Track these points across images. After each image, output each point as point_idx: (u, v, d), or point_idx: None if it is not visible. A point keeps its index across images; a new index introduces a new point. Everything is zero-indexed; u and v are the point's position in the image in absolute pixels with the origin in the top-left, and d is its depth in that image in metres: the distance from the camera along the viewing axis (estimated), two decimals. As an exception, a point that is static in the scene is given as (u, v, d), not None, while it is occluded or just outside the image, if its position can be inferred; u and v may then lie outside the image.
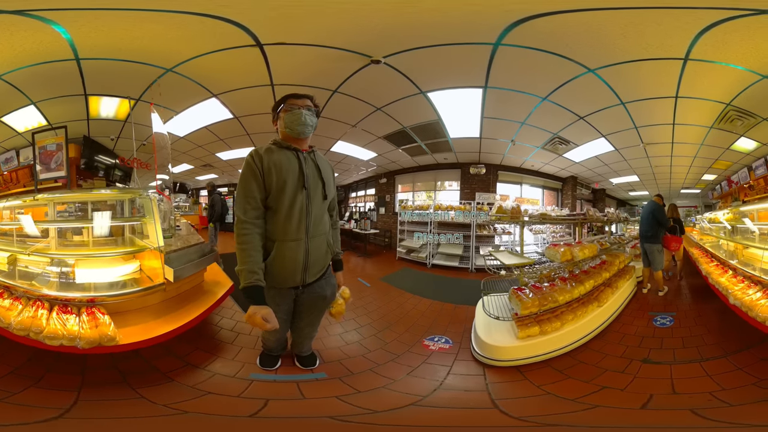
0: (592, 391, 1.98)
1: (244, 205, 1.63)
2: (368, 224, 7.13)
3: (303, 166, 1.71)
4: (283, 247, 1.66)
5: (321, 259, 1.81)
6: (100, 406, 1.71)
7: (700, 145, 4.45)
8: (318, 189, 1.75)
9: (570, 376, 2.16)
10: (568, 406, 1.85)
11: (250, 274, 1.55)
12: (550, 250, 2.91)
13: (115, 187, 3.92)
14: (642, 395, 1.90)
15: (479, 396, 1.98)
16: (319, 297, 1.87)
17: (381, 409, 1.79)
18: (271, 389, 1.94)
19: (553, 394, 1.96)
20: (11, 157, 3.58)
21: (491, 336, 2.41)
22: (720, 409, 1.73)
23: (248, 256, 1.58)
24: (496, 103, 3.64)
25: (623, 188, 7.04)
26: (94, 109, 3.47)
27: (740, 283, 2.80)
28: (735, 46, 2.36)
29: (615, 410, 1.80)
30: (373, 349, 2.56)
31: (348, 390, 1.97)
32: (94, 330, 1.96)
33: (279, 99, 1.83)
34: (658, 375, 2.13)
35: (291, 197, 1.65)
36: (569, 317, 2.57)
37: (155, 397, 1.81)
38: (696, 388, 1.94)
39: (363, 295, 3.93)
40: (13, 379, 1.86)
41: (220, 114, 3.94)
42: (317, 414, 1.73)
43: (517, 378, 2.16)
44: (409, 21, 2.29)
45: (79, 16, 2.20)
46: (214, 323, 2.75)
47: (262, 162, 1.65)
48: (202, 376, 2.03)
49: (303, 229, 1.69)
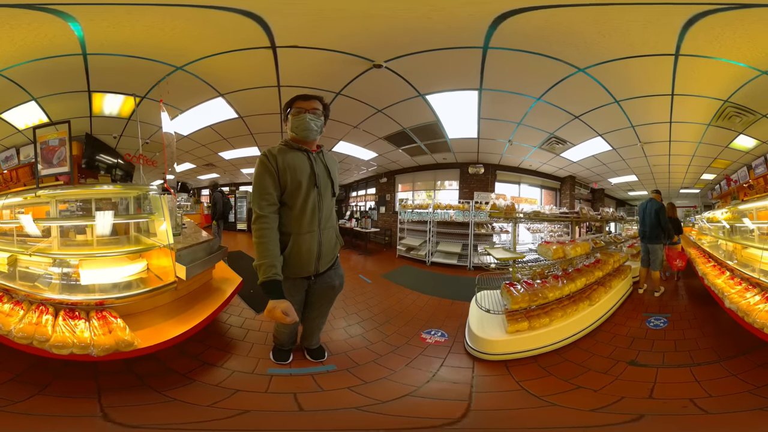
0: (565, 390, 1.97)
1: (260, 201, 1.69)
2: (369, 223, 7.20)
3: (314, 166, 1.81)
4: (299, 239, 1.77)
5: (331, 249, 1.93)
6: (133, 411, 1.64)
7: (698, 143, 4.42)
8: (328, 187, 1.87)
9: (551, 374, 2.17)
10: (530, 403, 1.87)
11: (269, 268, 1.59)
12: (543, 247, 2.94)
13: (119, 184, 3.87)
14: (611, 397, 1.87)
15: (462, 388, 2.03)
16: (329, 287, 1.98)
17: (385, 399, 1.89)
18: (291, 383, 2.00)
19: (526, 390, 1.98)
20: (11, 155, 3.53)
21: (483, 329, 2.46)
22: (690, 416, 1.68)
23: (267, 250, 1.62)
24: (491, 104, 3.69)
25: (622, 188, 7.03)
26: (97, 106, 3.44)
27: (737, 286, 2.70)
28: (729, 41, 2.33)
29: (565, 410, 1.79)
30: (375, 341, 2.65)
31: (356, 381, 2.07)
32: (109, 336, 1.85)
33: (288, 100, 1.88)
34: (641, 378, 2.07)
35: (305, 195, 1.76)
36: (558, 314, 2.58)
37: (187, 398, 1.78)
38: (675, 394, 1.87)
39: (364, 291, 4.02)
40: (15, 386, 1.73)
41: (225, 113, 4.01)
42: (343, 406, 1.82)
43: (502, 372, 2.19)
44: (407, 26, 2.35)
45: (104, 10, 2.14)
46: (223, 321, 2.79)
47: (276, 161, 1.72)
48: (221, 375, 2.04)
49: (316, 222, 1.80)
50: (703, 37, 2.30)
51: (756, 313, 2.15)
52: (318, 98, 1.88)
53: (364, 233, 6.92)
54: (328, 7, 2.17)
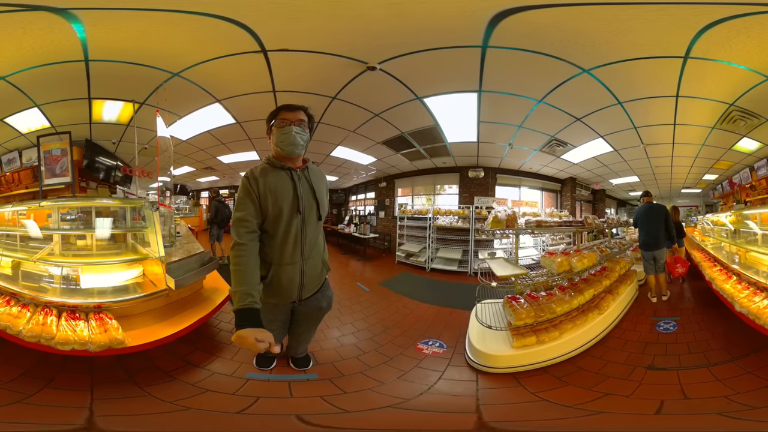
0: (594, 398, 1.93)
1: (239, 228, 1.62)
2: (368, 228, 7.13)
3: (297, 187, 1.71)
4: (279, 270, 1.71)
5: (316, 277, 1.86)
6: (115, 403, 1.80)
7: (701, 145, 4.38)
8: (313, 211, 1.76)
9: (569, 383, 2.11)
10: (565, 413, 1.80)
11: (245, 296, 1.50)
12: (546, 259, 2.83)
13: (116, 194, 3.98)
14: (651, 401, 1.84)
15: (466, 401, 1.95)
16: (315, 308, 1.94)
17: (355, 410, 1.83)
18: (264, 388, 2.02)
19: (548, 401, 1.91)
20: (14, 157, 3.61)
21: (485, 344, 2.36)
22: (746, 411, 1.68)
23: (243, 277, 1.55)
24: (491, 107, 3.62)
25: (623, 189, 6.96)
26: (97, 112, 3.48)
27: (745, 290, 2.73)
28: (740, 45, 2.30)
29: (624, 416, 1.75)
30: (367, 351, 2.58)
31: (335, 390, 2.02)
32: (104, 334, 2.07)
33: (272, 111, 1.78)
34: (665, 381, 2.07)
35: (286, 224, 1.68)
36: (568, 326, 2.50)
37: (161, 394, 1.90)
38: (709, 393, 1.88)
39: (361, 300, 3.93)
40: (27, 381, 1.91)
41: (223, 119, 3.99)
42: (289, 412, 1.80)
43: (512, 384, 2.12)
44: (399, 26, 2.30)
45: (106, 15, 2.18)
46: (214, 325, 2.83)
47: (258, 186, 1.65)
48: (201, 375, 2.12)
49: (298, 253, 1.72)
50: (716, 40, 2.27)
51: (767, 316, 2.22)
52: (303, 109, 1.79)
53: (362, 239, 6.85)
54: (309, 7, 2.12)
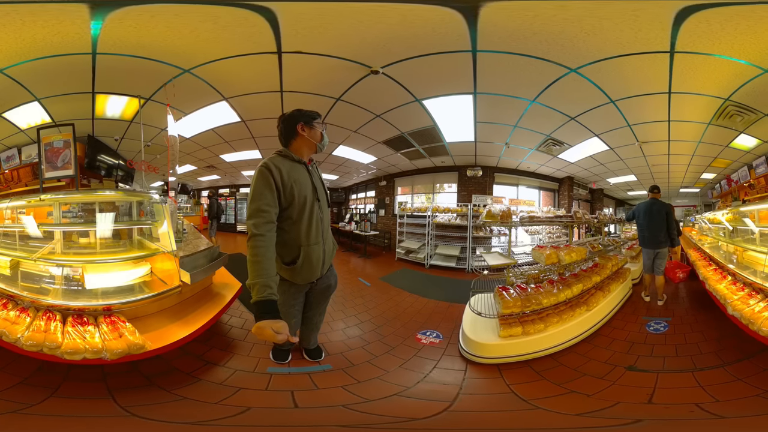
0: (556, 394, 1.95)
1: (257, 218, 1.62)
2: (368, 226, 7.22)
3: (312, 178, 1.90)
4: (309, 251, 1.87)
5: (331, 254, 2.08)
6: (150, 409, 1.68)
7: (698, 142, 4.34)
8: (324, 199, 1.98)
9: (545, 378, 2.15)
10: (515, 406, 1.86)
11: (263, 288, 1.50)
12: (536, 251, 2.90)
13: (120, 188, 3.87)
14: (604, 402, 1.83)
15: (450, 390, 2.03)
16: (326, 286, 2.10)
17: (373, 398, 1.94)
18: (290, 382, 2.08)
19: (515, 394, 1.97)
20: (12, 155, 3.47)
21: (476, 332, 2.45)
22: (699, 421, 1.63)
23: (262, 269, 1.54)
24: (487, 108, 3.70)
25: (621, 188, 6.98)
26: (100, 108, 3.39)
27: (740, 291, 2.61)
28: (729, 38, 2.25)
29: (549, 414, 1.76)
30: (371, 341, 2.71)
31: (350, 380, 2.14)
32: (119, 340, 1.90)
33: (312, 111, 1.93)
34: (640, 383, 2.02)
35: (309, 210, 1.84)
36: (554, 320, 2.54)
37: (196, 396, 1.84)
38: (678, 399, 1.81)
39: (363, 294, 4.04)
40: (27, 390, 1.75)
41: (228, 117, 4.03)
42: (321, 403, 1.89)
43: (494, 375, 2.19)
44: (402, 33, 2.38)
45: (139, 9, 2.10)
46: (224, 322, 2.85)
47: (281, 174, 1.69)
48: (224, 374, 2.10)
49: (320, 233, 1.91)
50: (700, 33, 2.23)
51: (761, 321, 2.06)
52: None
53: (363, 236, 6.95)
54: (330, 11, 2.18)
